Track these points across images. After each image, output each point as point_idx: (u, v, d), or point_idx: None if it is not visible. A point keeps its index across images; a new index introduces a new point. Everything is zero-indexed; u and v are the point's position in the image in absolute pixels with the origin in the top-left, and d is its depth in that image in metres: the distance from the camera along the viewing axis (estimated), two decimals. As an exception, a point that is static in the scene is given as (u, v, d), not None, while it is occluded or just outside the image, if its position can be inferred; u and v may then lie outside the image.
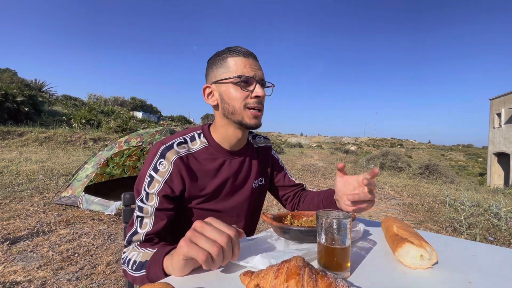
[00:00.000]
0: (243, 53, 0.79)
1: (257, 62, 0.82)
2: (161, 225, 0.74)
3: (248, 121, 0.79)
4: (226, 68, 0.79)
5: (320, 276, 0.42)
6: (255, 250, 0.66)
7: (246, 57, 0.79)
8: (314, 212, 0.85)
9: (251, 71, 0.78)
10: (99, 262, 2.34)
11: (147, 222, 0.74)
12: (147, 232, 0.73)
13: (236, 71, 0.77)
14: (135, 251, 0.70)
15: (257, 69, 0.80)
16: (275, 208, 4.44)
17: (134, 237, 0.74)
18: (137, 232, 0.74)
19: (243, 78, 0.77)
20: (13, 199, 3.90)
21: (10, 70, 22.46)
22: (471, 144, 70.84)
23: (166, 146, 0.78)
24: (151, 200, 0.75)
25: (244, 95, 0.78)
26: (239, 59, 0.78)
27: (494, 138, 20.09)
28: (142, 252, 0.68)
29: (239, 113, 0.79)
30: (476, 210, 4.37)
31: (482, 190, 9.68)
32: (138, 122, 20.38)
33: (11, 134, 9.85)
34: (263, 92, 0.79)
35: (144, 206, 0.75)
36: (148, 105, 36.66)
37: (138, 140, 3.89)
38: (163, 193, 0.75)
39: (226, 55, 0.80)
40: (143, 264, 0.65)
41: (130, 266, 0.68)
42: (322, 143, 60.24)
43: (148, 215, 0.74)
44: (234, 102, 0.78)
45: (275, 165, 1.05)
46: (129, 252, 0.72)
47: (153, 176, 0.76)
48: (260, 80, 0.80)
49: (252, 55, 0.81)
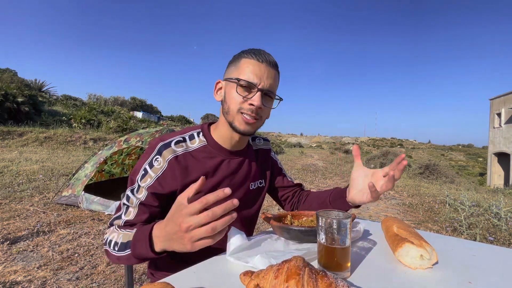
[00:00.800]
0: (258, 57, 0.77)
1: (271, 71, 0.79)
2: (142, 218, 0.75)
3: (238, 126, 0.79)
4: (237, 68, 0.78)
5: (320, 276, 0.42)
6: (255, 250, 0.66)
7: (260, 62, 0.77)
8: (314, 212, 0.85)
9: (256, 78, 0.76)
10: (99, 262, 2.34)
11: (131, 211, 0.76)
12: (127, 220, 0.75)
13: (243, 74, 0.76)
14: (115, 233, 0.72)
15: (265, 77, 0.77)
16: (275, 208, 4.44)
17: (116, 221, 0.76)
18: (120, 217, 0.76)
19: (242, 82, 0.76)
20: (13, 199, 3.90)
21: (10, 70, 22.47)
22: (471, 144, 70.88)
23: (164, 144, 0.79)
24: (140, 192, 0.76)
25: (241, 99, 0.77)
26: (251, 62, 0.77)
27: (494, 138, 20.09)
28: (122, 233, 0.70)
29: (231, 115, 0.79)
30: (476, 210, 4.37)
31: (482, 190, 9.68)
32: (138, 122, 20.37)
33: (11, 134, 9.86)
34: (259, 102, 0.76)
35: (131, 197, 0.76)
36: (148, 105, 36.67)
37: (137, 140, 3.89)
38: (152, 189, 0.75)
39: (243, 55, 0.79)
40: (125, 244, 0.67)
41: (112, 247, 0.70)
42: (322, 143, 60.21)
43: (133, 206, 0.75)
44: (231, 103, 0.78)
45: (274, 166, 1.05)
46: (110, 233, 0.74)
47: (147, 170, 0.77)
48: (264, 90, 0.77)
49: (267, 62, 0.78)
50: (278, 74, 0.82)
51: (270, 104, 0.82)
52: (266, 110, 0.82)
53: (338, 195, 0.88)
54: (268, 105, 0.81)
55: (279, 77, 0.84)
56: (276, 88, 0.83)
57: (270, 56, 0.80)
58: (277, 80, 0.82)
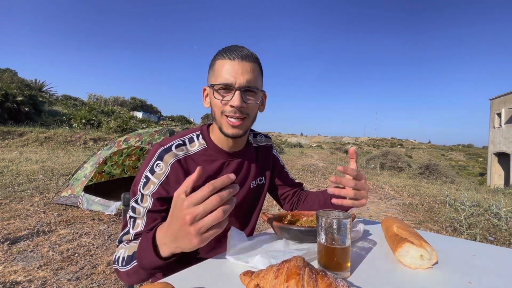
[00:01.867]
0: (229, 55, 0.74)
1: (246, 65, 0.74)
2: (153, 226, 0.73)
3: (226, 130, 0.77)
4: (214, 72, 0.76)
5: (320, 276, 0.42)
6: (255, 250, 0.66)
7: (232, 60, 0.73)
8: (314, 212, 0.85)
9: (231, 77, 0.73)
10: (99, 262, 2.34)
11: (139, 223, 0.73)
12: (137, 232, 0.73)
13: (219, 77, 0.74)
14: (123, 248, 0.70)
15: (240, 73, 0.73)
16: (275, 208, 4.44)
17: (125, 237, 0.74)
18: (128, 232, 0.74)
19: (216, 87, 0.74)
20: (14, 199, 3.90)
21: (10, 70, 22.48)
22: (471, 144, 70.88)
23: (164, 149, 0.78)
24: (145, 201, 0.74)
25: (221, 102, 0.75)
26: (224, 62, 0.74)
27: (494, 138, 20.08)
28: (129, 246, 0.69)
29: (218, 120, 0.77)
30: (476, 210, 4.37)
31: (482, 190, 9.68)
32: (138, 122, 20.38)
33: (12, 134, 9.86)
34: (238, 102, 0.72)
35: (137, 207, 0.74)
36: (148, 105, 36.68)
37: (137, 139, 3.89)
38: (157, 195, 0.74)
39: (216, 57, 0.77)
40: (131, 256, 0.65)
41: (120, 263, 0.68)
42: (322, 143, 60.22)
43: (140, 216, 0.74)
44: (215, 109, 0.77)
45: (276, 164, 1.05)
46: (118, 251, 0.72)
47: (149, 177, 0.75)
48: (242, 87, 0.73)
49: (240, 57, 0.74)
50: (257, 65, 0.78)
51: (254, 98, 0.78)
52: (251, 107, 0.77)
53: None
54: (251, 101, 0.77)
55: (259, 68, 0.79)
56: (257, 81, 0.78)
57: (243, 49, 0.75)
58: (257, 72, 0.77)
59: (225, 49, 0.76)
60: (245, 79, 0.73)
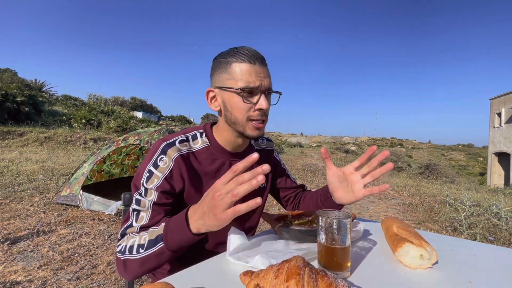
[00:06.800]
0: (249, 59, 0.73)
1: (265, 68, 0.77)
2: (157, 219, 0.72)
3: (250, 133, 0.77)
4: (230, 75, 0.74)
5: (320, 276, 0.42)
6: (255, 250, 0.66)
7: (252, 63, 0.74)
8: (314, 212, 0.85)
9: (256, 81, 0.73)
10: (99, 262, 2.34)
11: (143, 216, 0.72)
12: (142, 225, 0.71)
13: (240, 80, 0.73)
14: (134, 238, 0.69)
15: (263, 77, 0.75)
16: (275, 208, 4.44)
17: (129, 229, 0.72)
18: (132, 225, 0.72)
19: (247, 91, 0.73)
20: (14, 199, 3.90)
21: (10, 70, 22.45)
22: (471, 143, 70.86)
23: (168, 143, 0.77)
24: (149, 195, 0.73)
25: (247, 107, 0.74)
26: (244, 66, 0.73)
27: (494, 138, 20.08)
28: (146, 233, 0.67)
29: (241, 124, 0.77)
30: (476, 209, 4.36)
31: (482, 189, 9.68)
32: (138, 122, 20.36)
33: (11, 134, 9.86)
34: (267, 104, 0.75)
35: (142, 199, 0.73)
36: (148, 105, 36.66)
37: (135, 138, 3.89)
38: (161, 189, 0.73)
39: (231, 59, 0.75)
40: (155, 240, 0.64)
41: (134, 251, 0.66)
42: (322, 143, 60.21)
43: (145, 209, 0.72)
44: (237, 113, 0.75)
45: (277, 167, 1.04)
46: (126, 241, 0.70)
47: (153, 171, 0.74)
48: (265, 90, 0.75)
49: (259, 60, 0.75)
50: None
51: (271, 100, 0.81)
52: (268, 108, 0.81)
53: (325, 196, 0.88)
54: (273, 102, 0.81)
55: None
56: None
57: (258, 53, 0.76)
58: (270, 74, 0.81)
59: (239, 51, 0.75)
60: (267, 82, 0.77)
